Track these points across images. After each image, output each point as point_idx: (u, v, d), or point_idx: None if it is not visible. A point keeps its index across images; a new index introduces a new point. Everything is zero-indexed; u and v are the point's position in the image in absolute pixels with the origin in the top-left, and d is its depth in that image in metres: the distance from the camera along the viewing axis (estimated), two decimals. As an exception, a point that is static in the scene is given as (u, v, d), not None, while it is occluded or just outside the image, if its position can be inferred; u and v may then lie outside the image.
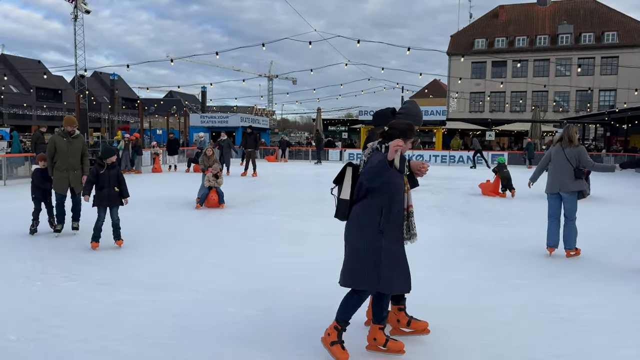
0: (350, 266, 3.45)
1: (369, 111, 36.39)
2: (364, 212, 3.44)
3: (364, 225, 3.42)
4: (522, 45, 54.26)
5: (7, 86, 62.84)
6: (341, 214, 3.60)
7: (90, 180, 6.76)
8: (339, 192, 3.64)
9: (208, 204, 10.47)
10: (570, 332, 4.08)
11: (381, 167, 3.21)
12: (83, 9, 35.78)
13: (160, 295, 4.90)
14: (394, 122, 3.55)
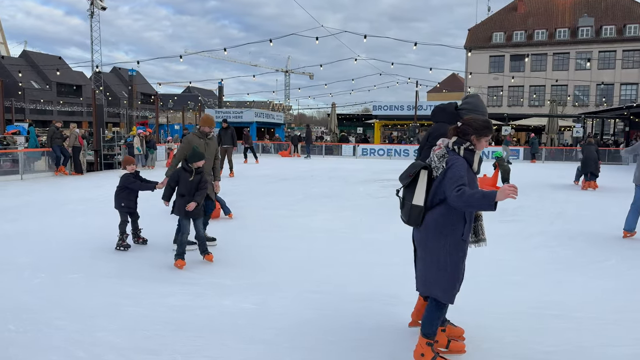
0: (434, 276, 3.27)
1: (383, 106, 36.23)
2: (444, 220, 3.21)
3: (445, 234, 3.21)
4: (541, 38, 53.43)
5: (29, 82, 63.97)
6: (414, 221, 3.33)
7: (171, 186, 5.94)
8: (412, 197, 3.33)
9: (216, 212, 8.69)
10: (563, 329, 4.05)
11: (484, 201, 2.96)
12: (99, 5, 36.24)
13: (158, 287, 4.99)
14: (470, 118, 3.32)
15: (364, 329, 4.02)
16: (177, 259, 5.71)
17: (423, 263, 3.37)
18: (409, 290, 4.98)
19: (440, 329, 3.56)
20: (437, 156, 3.27)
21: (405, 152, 30.39)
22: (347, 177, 17.19)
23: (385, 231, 7.89)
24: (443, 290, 3.24)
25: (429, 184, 3.30)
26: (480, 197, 2.97)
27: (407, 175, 3.36)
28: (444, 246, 3.21)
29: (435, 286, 3.27)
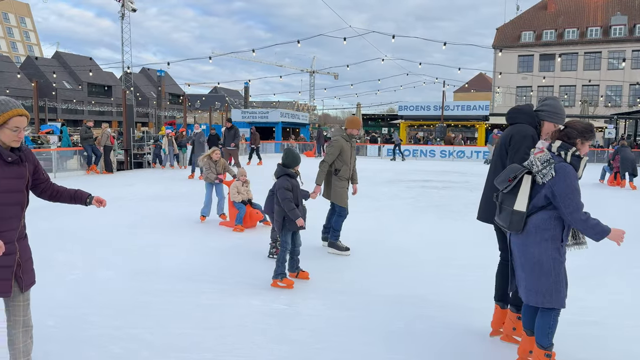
0: (539, 283, 3.15)
1: (409, 106, 36.01)
2: (545, 225, 3.12)
3: (546, 239, 3.13)
4: (572, 37, 52.33)
5: (61, 82, 65.63)
6: (515, 227, 3.21)
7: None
8: (513, 202, 3.22)
9: (250, 222, 7.98)
10: (602, 336, 3.97)
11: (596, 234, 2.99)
12: (130, 7, 36.94)
13: (190, 286, 5.07)
14: (573, 121, 3.21)
15: (394, 331, 4.01)
16: (280, 279, 5.05)
17: (523, 269, 3.24)
18: (439, 291, 4.97)
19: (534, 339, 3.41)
20: (541, 160, 3.14)
21: (431, 153, 30.12)
22: (373, 177, 17.13)
23: (414, 232, 7.86)
24: (550, 295, 3.13)
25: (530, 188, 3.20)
26: (599, 231, 3.01)
27: (506, 180, 3.25)
28: (546, 251, 3.13)
29: (542, 293, 3.15)
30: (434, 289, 5.10)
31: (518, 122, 3.71)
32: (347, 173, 6.34)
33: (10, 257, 2.82)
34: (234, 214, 7.92)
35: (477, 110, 34.33)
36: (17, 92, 58.61)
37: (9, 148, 2.79)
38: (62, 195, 3.23)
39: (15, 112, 2.74)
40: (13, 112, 2.73)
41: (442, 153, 29.87)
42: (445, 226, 8.40)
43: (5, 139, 2.75)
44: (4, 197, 2.75)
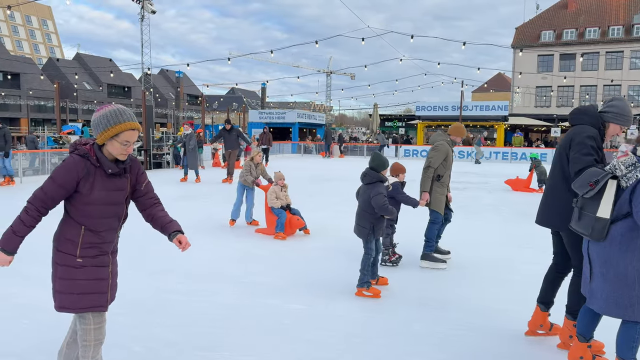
0: (622, 294, 3.00)
1: (427, 106, 35.79)
2: (631, 234, 2.97)
3: (633, 249, 2.97)
4: (593, 37, 51.50)
5: (82, 83, 66.69)
6: (598, 234, 3.04)
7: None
8: (595, 208, 3.07)
9: (290, 230, 7.48)
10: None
11: None
12: (149, 9, 37.38)
13: (209, 285, 5.11)
14: None
15: (413, 334, 4.00)
16: (367, 287, 4.84)
17: (604, 279, 3.08)
18: (462, 293, 4.93)
19: (586, 345, 3.36)
20: (625, 164, 2.99)
21: (449, 154, 29.90)
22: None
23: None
24: (633, 308, 2.98)
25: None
26: None
27: (586, 184, 3.10)
28: (631, 262, 2.97)
29: (624, 306, 3.00)
30: (456, 290, 5.07)
31: (580, 124, 3.60)
32: (447, 179, 6.15)
33: (106, 270, 2.73)
34: (272, 220, 7.49)
35: (495, 111, 33.97)
36: (39, 93, 59.76)
37: (113, 160, 2.63)
38: (155, 221, 3.04)
39: (128, 125, 2.57)
40: (126, 126, 2.56)
41: (460, 154, 29.63)
42: (465, 227, 8.33)
43: (112, 151, 2.59)
44: (103, 209, 2.64)
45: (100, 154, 2.56)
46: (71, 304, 2.63)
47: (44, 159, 15.72)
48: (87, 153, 2.55)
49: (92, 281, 2.64)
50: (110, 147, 2.57)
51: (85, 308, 2.63)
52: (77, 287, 2.61)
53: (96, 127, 2.57)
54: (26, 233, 2.57)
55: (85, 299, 2.63)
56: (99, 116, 2.57)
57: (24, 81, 59.36)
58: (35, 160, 16.25)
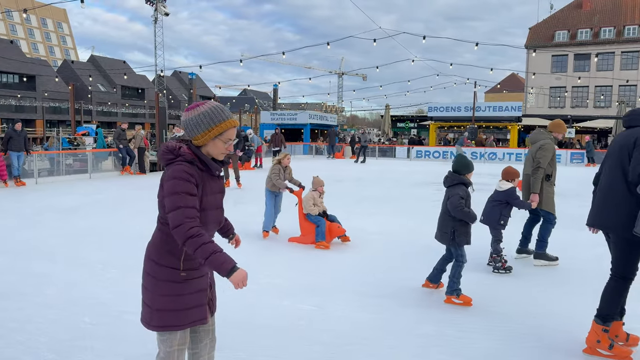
0: None
1: (439, 107, 35.63)
2: None
3: None
4: (608, 36, 50.88)
5: (96, 85, 67.41)
6: None
7: None
8: None
9: (329, 238, 7.06)
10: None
11: None
12: (162, 11, 37.69)
13: (222, 285, 5.14)
14: None
15: (422, 335, 4.00)
16: (457, 295, 4.65)
17: None
18: (470, 295, 4.91)
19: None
20: None
21: (461, 155, 29.73)
22: (402, 179, 17.04)
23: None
24: None
25: None
26: None
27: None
28: None
29: None
30: (464, 292, 5.05)
31: (634, 126, 3.54)
32: (555, 178, 6.01)
33: (206, 280, 2.55)
34: (308, 228, 7.09)
35: (509, 112, 33.72)
36: (54, 94, 60.53)
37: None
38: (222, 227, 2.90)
39: (232, 122, 2.40)
40: (230, 123, 2.39)
41: (473, 155, 29.46)
42: (475, 230, 8.28)
43: (214, 151, 2.41)
44: (210, 214, 2.45)
45: (204, 156, 2.38)
46: (176, 320, 2.41)
47: (59, 160, 15.93)
48: (193, 157, 2.35)
49: (195, 294, 2.47)
50: (212, 146, 2.40)
51: (189, 323, 2.45)
52: (182, 302, 2.41)
53: (196, 128, 2.35)
54: (218, 246, 2.32)
55: (190, 314, 2.45)
56: (198, 115, 2.36)
57: (39, 83, 60.16)
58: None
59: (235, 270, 2.29)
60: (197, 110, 2.38)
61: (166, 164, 2.36)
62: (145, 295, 2.48)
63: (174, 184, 2.26)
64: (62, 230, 7.78)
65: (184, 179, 2.27)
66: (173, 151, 2.35)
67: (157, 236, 2.48)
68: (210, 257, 2.24)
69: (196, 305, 2.46)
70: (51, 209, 9.77)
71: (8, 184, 13.11)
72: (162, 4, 37.31)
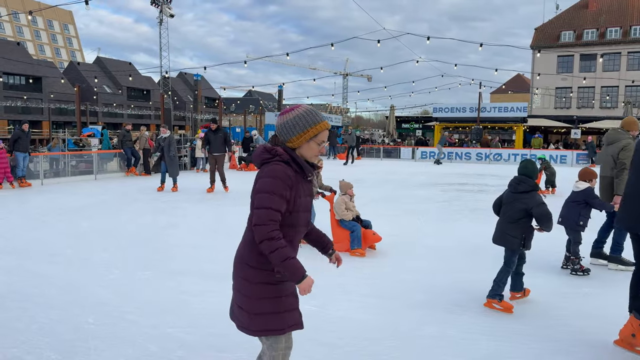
0: None
1: (444, 108, 35.57)
2: None
3: None
4: (614, 36, 50.60)
5: (102, 86, 67.71)
6: None
7: None
8: None
9: (365, 245, 6.70)
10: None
11: None
12: (167, 13, 37.84)
13: (225, 286, 5.14)
14: None
15: (425, 337, 3.98)
16: (498, 300, 4.58)
17: None
18: (473, 297, 4.89)
19: None
20: None
21: (467, 155, 29.65)
22: (407, 180, 16.99)
23: (448, 236, 7.76)
24: None
25: None
26: None
27: None
28: None
29: None
30: (467, 294, 5.03)
31: None
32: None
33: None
34: (341, 235, 6.72)
35: (514, 112, 33.59)
36: (60, 96, 60.83)
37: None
38: (311, 236, 2.93)
39: (326, 124, 2.42)
40: (324, 125, 2.41)
41: (478, 156, 29.37)
42: (480, 230, 8.26)
43: (307, 153, 2.42)
44: (303, 216, 2.45)
45: (298, 158, 2.38)
46: (277, 324, 2.39)
47: (65, 161, 15.99)
48: (288, 159, 2.36)
49: (290, 297, 2.45)
50: (306, 149, 2.41)
51: (290, 327, 2.43)
52: (280, 305, 2.40)
53: (291, 130, 2.38)
54: (294, 252, 2.35)
55: (288, 317, 2.42)
56: (293, 118, 2.39)
57: (45, 85, 60.49)
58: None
59: (305, 277, 2.31)
60: (291, 113, 2.41)
61: (262, 163, 2.39)
62: (241, 300, 2.46)
63: (268, 183, 2.28)
64: (67, 231, 7.81)
65: (280, 178, 2.29)
66: (270, 151, 2.37)
67: (248, 237, 2.47)
68: (286, 262, 2.26)
69: (293, 309, 2.46)
70: (56, 209, 9.81)
71: (14, 185, 13.18)
72: (167, 5, 37.46)
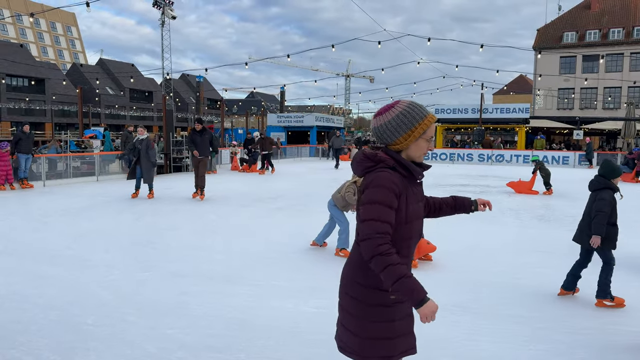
0: None
1: (446, 109, 35.54)
2: None
3: None
4: (617, 37, 50.48)
5: (104, 88, 67.86)
6: None
7: None
8: None
9: (417, 255, 6.19)
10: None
11: None
12: (169, 14, 37.91)
13: (224, 287, 5.14)
14: None
15: (426, 338, 3.95)
16: (611, 299, 4.59)
17: None
18: (477, 298, 4.87)
19: None
20: None
21: (469, 157, 29.61)
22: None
23: (450, 238, 7.73)
24: None
25: None
26: None
27: None
28: None
29: None
30: (471, 295, 5.01)
31: None
32: None
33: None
34: None
35: (516, 113, 33.53)
36: (63, 98, 60.99)
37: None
38: (442, 207, 2.56)
39: (433, 117, 2.15)
40: (432, 118, 2.14)
41: (480, 157, 29.34)
42: (482, 232, 8.25)
43: (416, 153, 2.17)
44: (414, 226, 2.19)
45: (405, 161, 2.13)
46: (390, 350, 2.15)
47: (67, 162, 16.02)
48: (394, 164, 2.12)
49: (404, 320, 2.21)
50: (414, 148, 2.16)
51: (400, 353, 2.19)
52: (394, 329, 2.16)
53: (396, 131, 2.13)
54: (408, 270, 2.06)
55: (401, 342, 2.19)
56: (396, 117, 2.14)
57: (48, 86, 60.65)
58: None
59: (426, 301, 1.95)
60: (392, 112, 2.15)
61: (364, 172, 2.16)
62: (350, 322, 2.21)
63: (375, 192, 2.05)
64: (68, 232, 7.81)
65: (388, 187, 2.04)
66: (373, 158, 2.14)
67: (358, 255, 2.20)
68: (400, 281, 1.95)
69: (406, 333, 2.22)
70: (57, 211, 9.82)
71: (15, 187, 13.20)
72: (169, 7, 37.54)
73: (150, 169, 11.73)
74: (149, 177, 11.71)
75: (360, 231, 2.05)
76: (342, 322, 2.28)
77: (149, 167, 11.65)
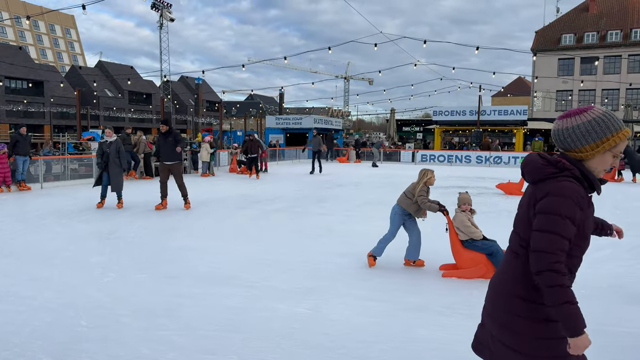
0: None
1: (444, 111, 35.60)
2: None
3: None
4: (615, 39, 50.62)
5: (103, 90, 67.87)
6: None
7: None
8: None
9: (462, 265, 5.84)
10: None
11: None
12: (168, 17, 37.98)
13: (219, 289, 5.17)
14: None
15: (416, 339, 3.99)
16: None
17: None
18: (466, 301, 4.90)
19: None
20: None
21: (467, 158, 29.66)
22: (405, 183, 16.96)
23: (444, 240, 7.75)
24: None
25: None
26: None
27: None
28: None
29: None
30: (461, 298, 5.04)
31: None
32: None
33: None
34: (465, 259, 5.76)
35: (514, 115, 33.60)
36: (62, 100, 61.00)
37: None
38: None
39: (627, 132, 1.95)
40: (627, 132, 1.95)
41: (478, 159, 29.39)
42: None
43: (599, 167, 2.01)
44: (587, 245, 2.06)
45: (590, 173, 1.98)
46: None
47: (64, 164, 16.04)
48: (579, 175, 1.97)
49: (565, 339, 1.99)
50: (599, 161, 1.99)
51: None
52: (560, 347, 2.02)
53: (584, 137, 1.97)
54: (575, 297, 1.90)
55: None
56: (588, 122, 1.98)
57: (47, 89, 60.66)
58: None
59: (584, 333, 1.88)
60: (585, 116, 1.99)
61: (544, 178, 2.01)
62: (511, 339, 2.06)
63: (560, 203, 1.90)
64: (64, 234, 7.83)
65: (572, 198, 1.90)
66: (557, 164, 1.99)
67: (518, 267, 2.08)
68: (564, 306, 1.85)
69: (566, 356, 2.02)
70: (54, 213, 9.84)
71: (11, 189, 13.21)
72: (167, 10, 37.60)
73: (119, 175, 10.62)
74: (117, 185, 10.61)
75: (536, 240, 1.93)
76: (500, 337, 2.12)
77: (118, 173, 10.57)
